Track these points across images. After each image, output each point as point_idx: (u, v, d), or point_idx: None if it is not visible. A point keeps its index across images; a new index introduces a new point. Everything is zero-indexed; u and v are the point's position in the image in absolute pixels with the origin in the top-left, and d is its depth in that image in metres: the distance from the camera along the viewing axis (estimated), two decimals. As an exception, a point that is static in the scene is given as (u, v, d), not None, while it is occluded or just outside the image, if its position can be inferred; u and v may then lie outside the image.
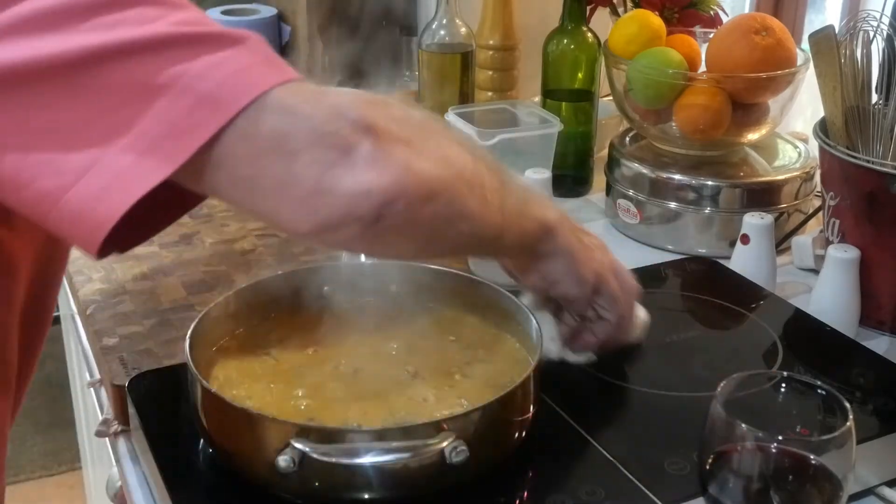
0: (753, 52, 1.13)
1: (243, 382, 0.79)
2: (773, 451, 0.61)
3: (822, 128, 1.03)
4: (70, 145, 0.56)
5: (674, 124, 1.21)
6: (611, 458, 0.75)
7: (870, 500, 0.77)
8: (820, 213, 1.11)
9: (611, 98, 1.30)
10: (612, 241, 1.23)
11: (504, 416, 0.72)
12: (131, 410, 0.84)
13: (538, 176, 1.17)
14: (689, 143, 1.21)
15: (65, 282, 1.19)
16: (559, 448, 0.77)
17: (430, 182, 0.62)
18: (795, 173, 1.18)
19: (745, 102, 1.18)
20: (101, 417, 0.96)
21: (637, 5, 1.35)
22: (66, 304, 1.36)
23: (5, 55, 0.55)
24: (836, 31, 0.98)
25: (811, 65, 1.03)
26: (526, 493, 0.74)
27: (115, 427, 0.90)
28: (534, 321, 0.80)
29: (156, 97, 0.56)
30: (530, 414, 0.75)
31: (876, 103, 1.00)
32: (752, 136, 1.21)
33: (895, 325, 1.01)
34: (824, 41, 0.99)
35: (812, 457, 0.61)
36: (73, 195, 0.56)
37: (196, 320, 0.79)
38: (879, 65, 0.99)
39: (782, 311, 0.99)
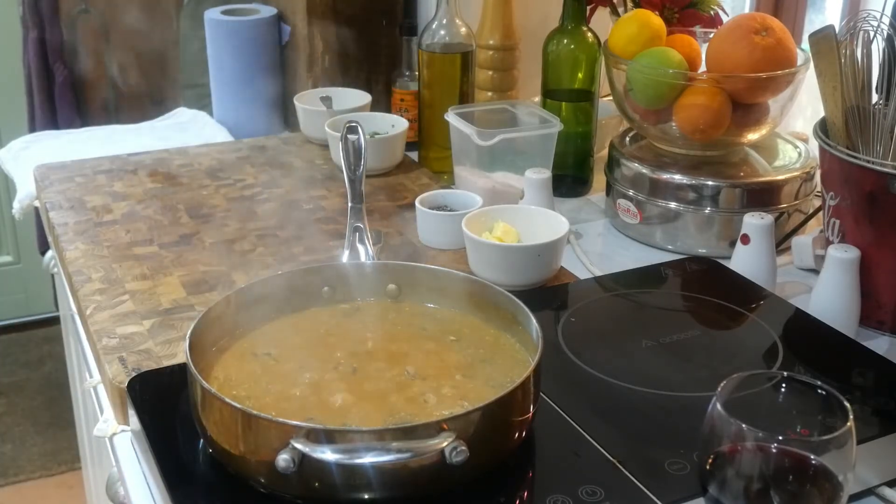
0: (753, 52, 1.13)
1: (243, 382, 0.79)
2: (773, 451, 0.61)
3: (822, 128, 1.03)
4: None
5: (674, 124, 1.21)
6: (611, 458, 0.75)
7: (870, 500, 0.77)
8: (820, 213, 1.11)
9: (611, 98, 1.30)
10: (613, 240, 1.23)
11: (504, 416, 0.72)
12: (131, 410, 0.84)
13: (538, 176, 1.17)
14: (689, 143, 1.21)
15: (65, 282, 1.20)
16: (559, 448, 0.77)
17: None
18: (795, 173, 1.18)
19: (745, 102, 1.18)
20: (101, 417, 0.96)
21: (637, 5, 1.35)
22: (66, 304, 1.36)
23: None
24: (836, 31, 0.98)
25: (811, 65, 1.03)
26: (526, 493, 0.74)
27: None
28: (534, 321, 0.80)
29: None
30: (530, 414, 0.75)
31: (876, 103, 1.00)
32: (752, 136, 1.21)
33: (895, 325, 1.01)
34: (824, 41, 0.99)
35: (812, 457, 0.61)
36: None
37: (196, 320, 0.79)
38: (879, 65, 0.99)
39: (782, 311, 0.99)
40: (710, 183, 1.16)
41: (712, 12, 1.38)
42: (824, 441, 0.61)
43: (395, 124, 1.41)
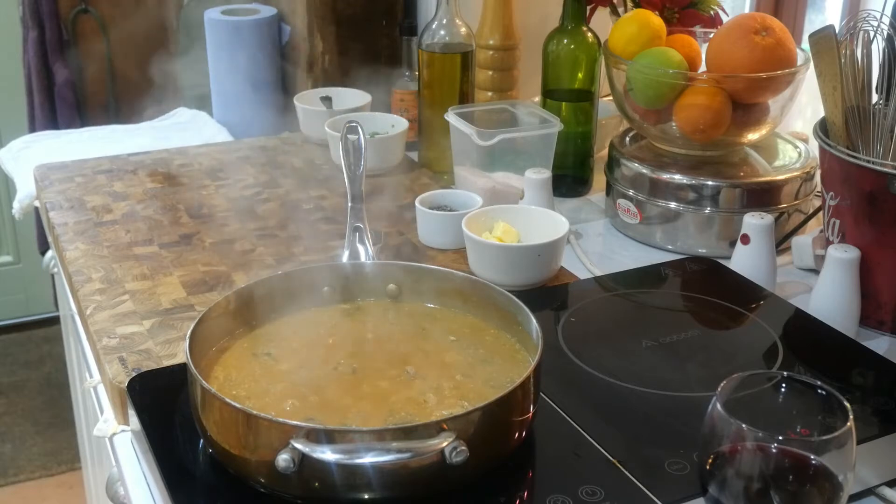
0: (753, 52, 1.13)
1: (243, 382, 0.79)
2: (773, 451, 0.61)
3: (822, 128, 1.03)
4: None
5: (674, 124, 1.21)
6: (611, 458, 0.75)
7: (870, 500, 0.77)
8: (820, 213, 1.11)
9: (611, 98, 1.30)
10: (613, 240, 1.23)
11: (504, 416, 0.72)
12: (131, 410, 0.84)
13: (538, 176, 1.17)
14: (689, 143, 1.21)
15: (65, 282, 1.20)
16: (559, 448, 0.77)
17: None
18: (795, 173, 1.18)
19: (745, 102, 1.18)
20: (101, 417, 0.96)
21: (637, 5, 1.35)
22: (66, 304, 1.36)
23: None
24: (836, 31, 0.98)
25: (811, 65, 1.03)
26: (526, 493, 0.74)
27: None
28: (534, 321, 0.80)
29: None
30: (530, 414, 0.75)
31: (876, 103, 1.00)
32: (752, 136, 1.21)
33: (895, 325, 1.01)
34: (824, 41, 0.99)
35: (812, 457, 0.61)
36: None
37: (196, 320, 0.79)
38: (879, 65, 0.99)
39: (782, 311, 0.99)
40: (710, 183, 1.16)
41: (712, 12, 1.38)
42: (824, 441, 0.61)
43: (395, 124, 1.41)
